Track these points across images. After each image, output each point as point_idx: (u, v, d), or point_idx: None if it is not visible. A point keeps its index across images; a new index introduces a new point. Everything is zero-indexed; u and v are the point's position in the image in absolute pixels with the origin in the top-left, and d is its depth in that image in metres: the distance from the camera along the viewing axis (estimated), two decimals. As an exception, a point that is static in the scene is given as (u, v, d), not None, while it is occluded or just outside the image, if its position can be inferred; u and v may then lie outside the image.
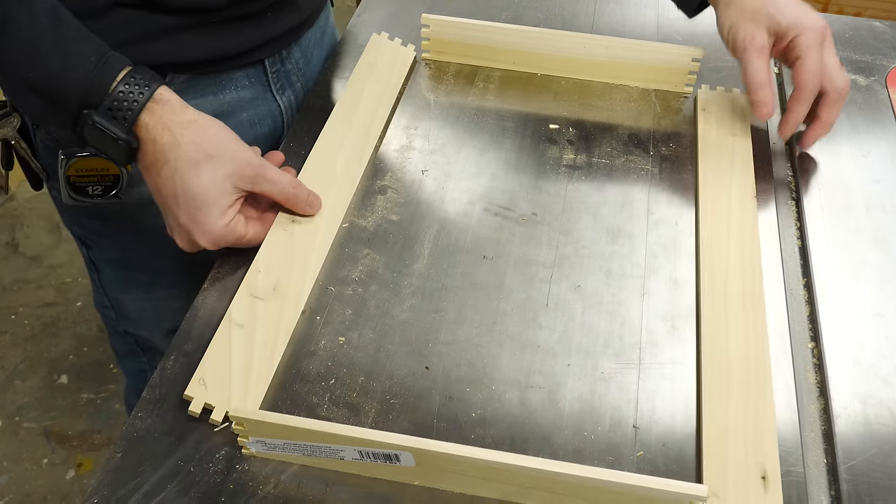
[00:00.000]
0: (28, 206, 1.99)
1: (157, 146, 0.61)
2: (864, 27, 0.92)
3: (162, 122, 0.61)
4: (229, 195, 0.62)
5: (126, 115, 0.60)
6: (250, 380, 0.56)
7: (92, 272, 0.90)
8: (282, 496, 0.51)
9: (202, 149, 0.61)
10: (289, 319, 0.60)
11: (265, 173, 0.63)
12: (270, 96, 0.81)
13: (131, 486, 0.51)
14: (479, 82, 0.83)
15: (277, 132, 0.84)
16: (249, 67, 0.77)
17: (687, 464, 0.53)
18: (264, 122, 0.81)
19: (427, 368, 0.58)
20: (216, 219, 0.61)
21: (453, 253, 0.66)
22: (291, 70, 0.82)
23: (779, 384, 0.58)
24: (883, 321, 0.62)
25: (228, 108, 0.77)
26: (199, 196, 0.61)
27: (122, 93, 0.60)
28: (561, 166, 0.74)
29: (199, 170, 0.61)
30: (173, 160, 0.61)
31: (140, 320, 0.92)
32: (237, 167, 0.62)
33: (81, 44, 0.61)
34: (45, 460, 1.51)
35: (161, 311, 0.89)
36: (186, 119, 0.62)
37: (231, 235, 0.62)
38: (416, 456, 0.49)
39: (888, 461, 0.54)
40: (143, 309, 0.91)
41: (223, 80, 0.76)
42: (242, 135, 0.79)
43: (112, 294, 0.90)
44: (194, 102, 0.74)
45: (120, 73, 0.60)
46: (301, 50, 0.82)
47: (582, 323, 0.61)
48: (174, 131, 0.61)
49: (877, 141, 0.78)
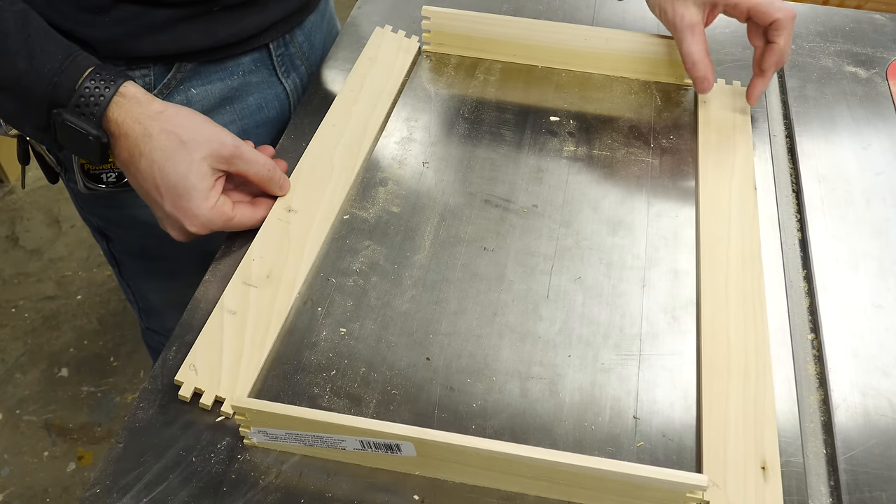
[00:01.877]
0: (28, 199, 1.99)
1: (129, 140, 0.62)
2: (864, 20, 0.92)
3: (131, 115, 0.62)
4: (209, 178, 0.62)
5: (94, 110, 0.61)
6: (241, 365, 0.56)
7: (113, 266, 0.91)
8: (283, 486, 0.51)
9: (175, 136, 0.61)
10: (281, 306, 0.60)
11: (241, 153, 0.63)
12: (276, 80, 0.81)
13: (133, 475, 0.51)
14: (479, 74, 0.83)
15: (285, 115, 0.84)
16: (255, 52, 0.78)
17: (687, 454, 0.53)
18: (271, 105, 0.82)
19: (428, 359, 0.58)
20: (200, 202, 0.62)
21: (454, 244, 0.66)
22: (296, 53, 0.82)
23: (778, 375, 0.58)
24: (882, 313, 0.62)
25: (236, 93, 0.78)
26: (178, 183, 0.61)
27: (88, 88, 0.61)
28: (562, 158, 0.74)
29: (176, 157, 0.61)
30: (148, 152, 0.61)
31: (165, 312, 0.93)
32: (212, 149, 0.62)
33: (49, 43, 0.61)
34: (46, 453, 1.52)
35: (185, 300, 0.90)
36: (154, 110, 0.62)
37: (219, 218, 0.63)
38: (417, 446, 0.49)
39: (887, 451, 0.54)
40: (166, 300, 0.91)
41: (229, 65, 0.76)
42: (250, 118, 0.81)
43: (134, 286, 0.91)
44: (202, 89, 0.75)
45: (86, 70, 0.61)
46: (304, 33, 0.83)
47: (582, 314, 0.61)
48: (144, 123, 0.61)
49: (877, 133, 0.78)
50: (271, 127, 0.83)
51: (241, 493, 0.51)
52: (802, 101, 0.81)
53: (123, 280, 0.92)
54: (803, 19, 0.92)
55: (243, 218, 0.65)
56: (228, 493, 0.51)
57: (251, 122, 0.81)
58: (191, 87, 0.75)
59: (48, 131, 0.63)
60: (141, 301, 0.93)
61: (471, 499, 0.51)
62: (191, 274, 0.86)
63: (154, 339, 1.02)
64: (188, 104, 0.75)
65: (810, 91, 0.82)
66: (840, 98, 0.81)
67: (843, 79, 0.84)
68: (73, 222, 1.93)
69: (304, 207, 0.67)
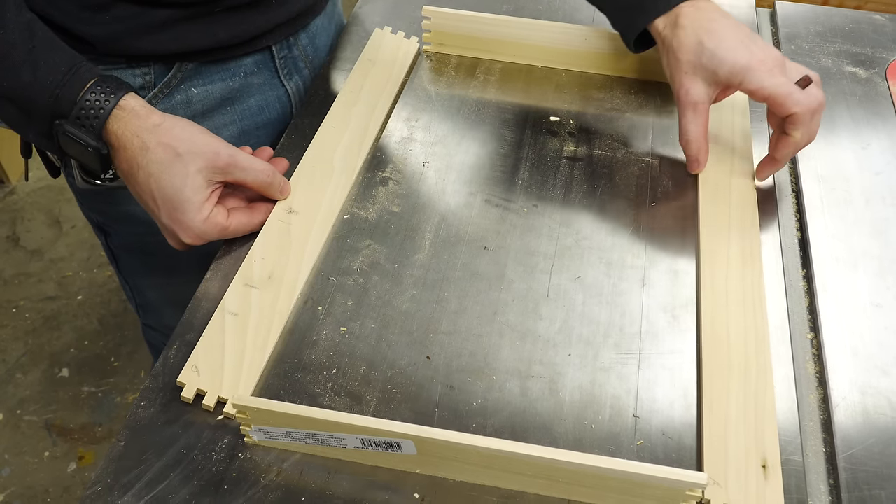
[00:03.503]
0: (29, 199, 1.99)
1: (128, 152, 0.63)
2: (864, 20, 0.92)
3: (130, 128, 0.62)
4: (203, 190, 0.63)
5: (94, 122, 0.62)
6: (243, 366, 0.56)
7: (112, 262, 0.91)
8: (284, 484, 0.52)
9: (171, 149, 0.62)
10: (283, 307, 0.60)
11: (237, 162, 0.64)
12: (278, 81, 0.81)
13: (134, 474, 0.52)
14: (480, 74, 0.83)
15: (286, 117, 0.84)
16: (257, 54, 0.78)
17: (687, 453, 0.54)
18: (272, 107, 0.82)
19: (428, 358, 0.58)
20: (194, 214, 0.62)
21: (454, 244, 0.66)
22: (299, 56, 0.82)
23: (778, 374, 0.58)
24: (882, 312, 0.63)
25: (237, 94, 0.78)
26: (174, 196, 0.62)
27: (89, 101, 0.61)
28: (562, 158, 0.74)
29: (172, 170, 0.62)
30: (145, 164, 0.62)
31: (162, 309, 0.93)
32: (208, 160, 0.62)
33: (53, 55, 0.62)
34: (47, 453, 1.52)
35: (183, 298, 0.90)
36: (152, 123, 0.63)
37: (213, 229, 0.63)
38: (417, 444, 0.49)
39: (886, 450, 0.54)
40: (163, 296, 0.91)
41: (231, 66, 0.76)
42: (251, 119, 0.80)
43: (132, 282, 0.91)
44: (203, 89, 0.75)
45: (88, 82, 0.62)
46: (308, 36, 0.83)
47: (582, 313, 0.62)
48: (142, 136, 0.62)
49: (876, 133, 0.78)
50: (272, 128, 0.84)
51: (242, 492, 0.51)
52: (802, 101, 0.81)
53: (122, 276, 0.92)
54: (803, 19, 0.92)
55: (239, 225, 0.65)
56: (229, 492, 0.51)
57: (252, 123, 0.81)
58: (192, 86, 0.75)
59: (52, 140, 0.64)
60: (139, 297, 0.93)
61: (471, 497, 0.51)
62: (189, 271, 0.86)
63: (152, 335, 1.02)
64: (189, 103, 0.75)
65: (810, 91, 0.82)
66: (840, 98, 0.82)
67: (843, 79, 0.84)
68: (74, 223, 1.94)
69: (304, 208, 0.67)
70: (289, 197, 0.68)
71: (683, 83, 0.69)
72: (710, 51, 0.67)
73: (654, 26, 0.72)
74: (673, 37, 0.69)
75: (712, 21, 0.68)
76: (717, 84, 0.68)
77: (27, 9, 0.63)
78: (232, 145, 0.65)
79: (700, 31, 0.68)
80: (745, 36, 0.67)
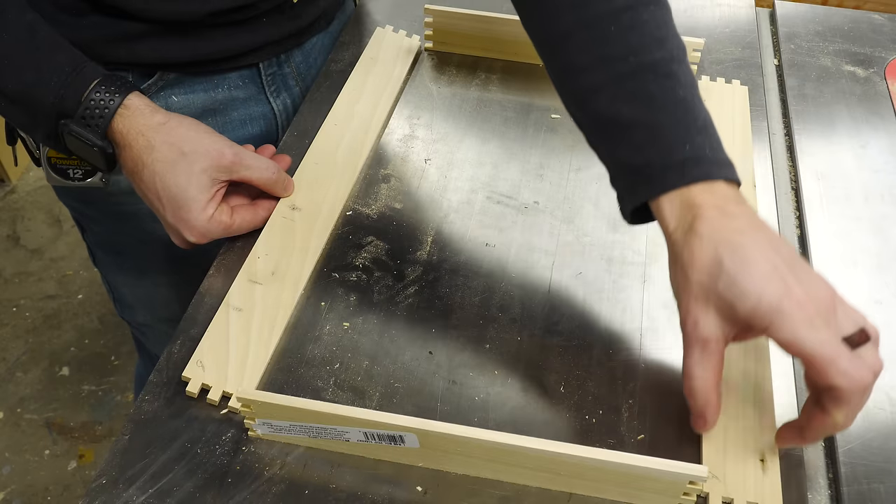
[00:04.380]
0: (29, 199, 1.99)
1: (133, 151, 0.63)
2: (863, 20, 0.93)
3: (135, 127, 0.62)
4: (208, 189, 0.63)
5: (98, 122, 0.62)
6: (247, 361, 0.57)
7: (90, 255, 0.91)
8: (287, 477, 0.52)
9: (176, 148, 0.62)
10: (287, 303, 0.61)
11: (242, 160, 0.64)
12: (264, 98, 0.80)
13: (139, 467, 0.52)
14: (481, 73, 0.84)
15: (270, 134, 0.83)
16: (243, 69, 0.76)
17: (687, 447, 0.54)
18: (256, 122, 0.81)
19: (430, 353, 0.59)
20: (198, 213, 0.62)
21: (456, 240, 0.67)
22: (289, 74, 0.81)
23: (777, 369, 0.58)
24: (881, 308, 0.63)
25: (219, 106, 0.77)
26: (178, 195, 0.62)
27: (94, 101, 0.61)
28: (563, 155, 0.75)
29: (176, 169, 0.62)
30: (150, 163, 0.62)
31: (135, 306, 0.93)
32: (212, 160, 0.63)
33: (56, 55, 0.62)
34: (47, 452, 1.52)
35: (154, 299, 0.90)
36: (157, 122, 0.63)
37: (216, 228, 0.63)
38: (420, 437, 0.50)
39: (885, 444, 0.55)
40: (136, 295, 0.91)
41: (215, 79, 0.75)
42: (232, 133, 0.78)
43: (108, 277, 0.91)
44: (184, 98, 0.74)
45: (92, 82, 0.62)
46: (303, 54, 0.81)
47: (583, 309, 0.62)
48: (147, 135, 0.62)
49: (875, 132, 0.79)
50: (254, 143, 0.79)
51: (246, 485, 0.51)
52: (801, 100, 0.82)
53: (98, 269, 0.92)
54: (802, 19, 0.93)
55: (243, 222, 0.65)
56: (233, 485, 0.51)
57: (233, 136, 0.77)
58: (172, 94, 0.74)
59: (58, 140, 0.64)
60: (114, 291, 0.93)
61: (473, 490, 0.52)
62: (158, 273, 0.86)
63: (132, 329, 1.02)
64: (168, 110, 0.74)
65: (809, 90, 0.83)
66: (839, 97, 0.82)
67: (842, 78, 0.85)
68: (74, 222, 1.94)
69: (308, 205, 0.68)
70: (292, 194, 0.68)
71: (691, 311, 0.50)
72: (730, 276, 0.48)
73: (659, 211, 0.53)
74: (684, 244, 0.51)
75: (739, 233, 0.49)
76: (734, 322, 0.49)
77: (30, 9, 0.63)
78: (236, 144, 0.65)
79: (721, 246, 0.49)
80: (782, 260, 0.48)
